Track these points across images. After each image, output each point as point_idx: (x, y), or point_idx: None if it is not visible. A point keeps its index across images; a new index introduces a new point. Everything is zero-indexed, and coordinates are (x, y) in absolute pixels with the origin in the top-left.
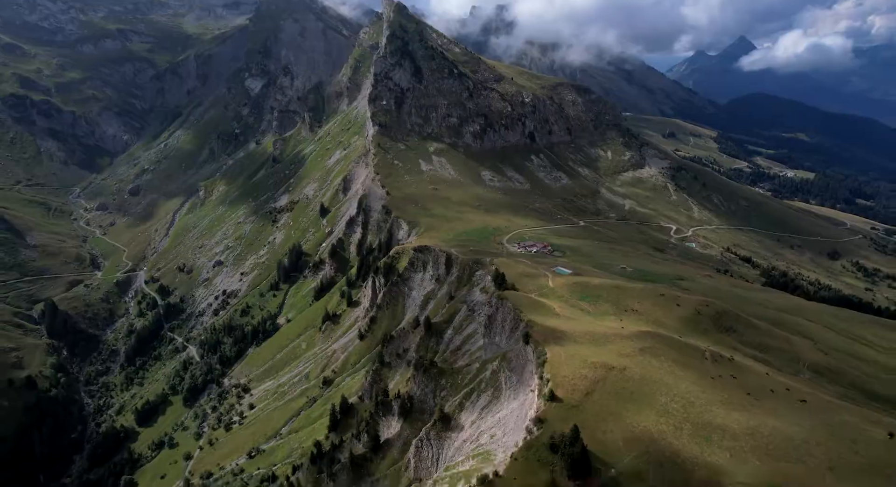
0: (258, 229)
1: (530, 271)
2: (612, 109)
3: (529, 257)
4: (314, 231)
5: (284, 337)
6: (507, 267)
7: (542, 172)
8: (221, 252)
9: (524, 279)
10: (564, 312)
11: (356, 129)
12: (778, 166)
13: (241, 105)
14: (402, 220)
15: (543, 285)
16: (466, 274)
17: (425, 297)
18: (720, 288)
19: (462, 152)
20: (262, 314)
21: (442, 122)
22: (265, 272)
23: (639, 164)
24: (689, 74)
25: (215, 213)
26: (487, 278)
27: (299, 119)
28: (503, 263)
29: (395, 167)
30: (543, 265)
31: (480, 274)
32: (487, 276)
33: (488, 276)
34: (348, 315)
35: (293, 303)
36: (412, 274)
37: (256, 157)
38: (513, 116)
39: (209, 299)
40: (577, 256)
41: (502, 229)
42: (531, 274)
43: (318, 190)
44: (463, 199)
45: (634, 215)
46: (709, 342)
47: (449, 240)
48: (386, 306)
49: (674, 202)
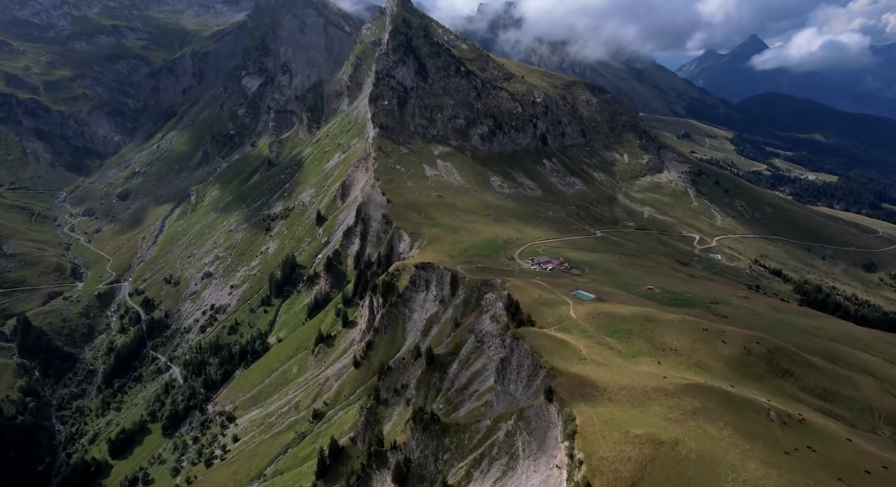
0: (250, 237)
1: (547, 296)
2: (627, 110)
3: (544, 277)
4: (310, 241)
5: (274, 359)
6: (521, 291)
7: (555, 177)
8: (211, 263)
9: (541, 308)
10: (592, 353)
11: (356, 130)
12: (797, 169)
13: (237, 105)
14: (403, 231)
15: (564, 315)
16: (474, 297)
17: (428, 321)
18: (761, 314)
19: (469, 156)
20: (251, 333)
21: (448, 123)
22: (256, 285)
23: (657, 168)
24: (699, 74)
25: (206, 220)
26: (499, 305)
27: (297, 120)
28: (516, 286)
29: (396, 172)
30: (561, 288)
31: (490, 298)
32: (499, 302)
33: (499, 302)
34: (343, 337)
35: (285, 320)
36: (413, 294)
37: (251, 160)
38: (524, 117)
39: (196, 315)
40: (598, 273)
41: (513, 241)
42: (549, 301)
43: (315, 196)
44: (470, 207)
45: (654, 224)
46: (767, 393)
47: (454, 255)
48: (384, 329)
49: (695, 209)
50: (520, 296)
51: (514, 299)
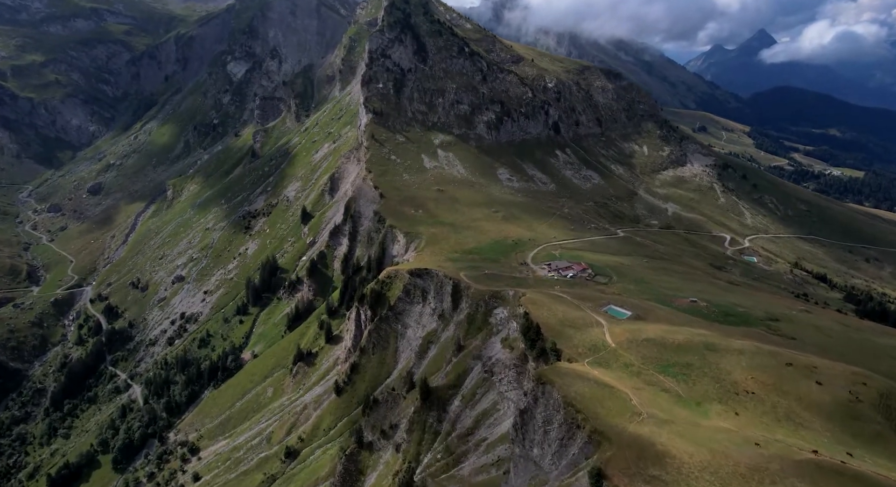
0: (228, 237)
1: (574, 314)
2: (646, 98)
3: (565, 286)
4: (294, 241)
5: (248, 379)
6: (541, 308)
7: (570, 169)
8: (184, 265)
9: (568, 331)
10: (646, 402)
11: (349, 118)
12: (819, 164)
13: (221, 92)
14: (397, 230)
15: (598, 341)
16: (481, 313)
17: (424, 339)
18: (831, 333)
19: (474, 146)
20: (224, 346)
21: (450, 109)
22: (233, 291)
23: (679, 161)
24: (706, 69)
25: (182, 217)
26: (512, 326)
27: (284, 107)
28: (534, 301)
29: (391, 164)
30: (589, 302)
31: (501, 316)
32: (512, 322)
33: (513, 322)
34: (326, 355)
35: (262, 333)
36: (407, 307)
37: (234, 151)
38: (534, 103)
39: (164, 324)
40: (627, 282)
41: (524, 241)
42: (576, 321)
43: (301, 191)
44: (475, 203)
45: (680, 222)
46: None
47: (457, 258)
48: (372, 348)
49: (722, 206)
50: (539, 314)
51: (534, 320)
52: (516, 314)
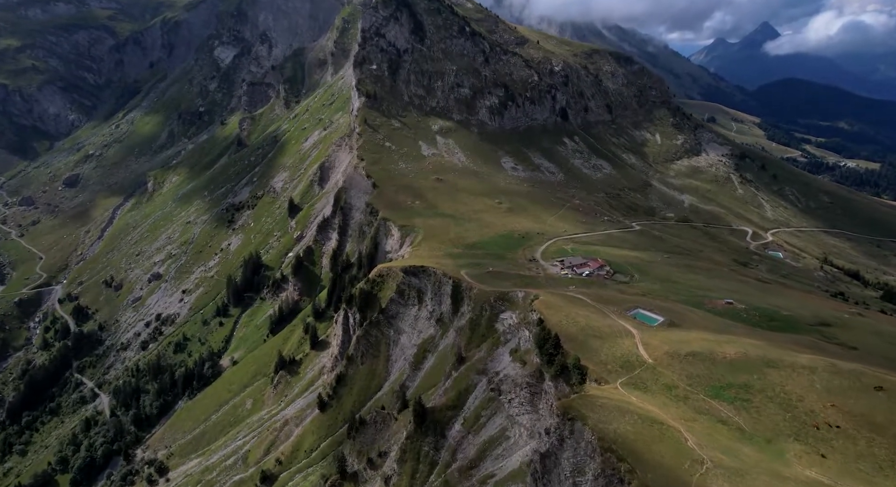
0: (210, 231)
1: (597, 320)
2: (659, 84)
3: (582, 286)
4: (280, 236)
5: (226, 388)
6: (557, 312)
7: (579, 158)
8: (162, 262)
9: (592, 341)
10: (704, 440)
11: (341, 103)
12: (832, 156)
13: (208, 79)
14: (391, 223)
15: (630, 354)
16: (485, 317)
17: (420, 348)
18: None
19: (475, 132)
20: (201, 352)
21: (450, 93)
22: (213, 291)
23: (694, 150)
24: (709, 62)
25: (163, 210)
26: (523, 334)
27: (273, 93)
28: (549, 305)
29: (386, 151)
30: (612, 305)
31: (510, 322)
32: (523, 330)
33: (524, 330)
34: (311, 363)
35: (244, 336)
36: (401, 310)
37: (219, 140)
38: (540, 87)
39: (138, 327)
40: (650, 280)
41: (532, 235)
42: (601, 329)
43: (289, 181)
44: (477, 193)
45: (697, 215)
46: None
47: (457, 254)
48: (361, 357)
49: (740, 198)
50: (557, 321)
51: (551, 328)
52: (528, 321)
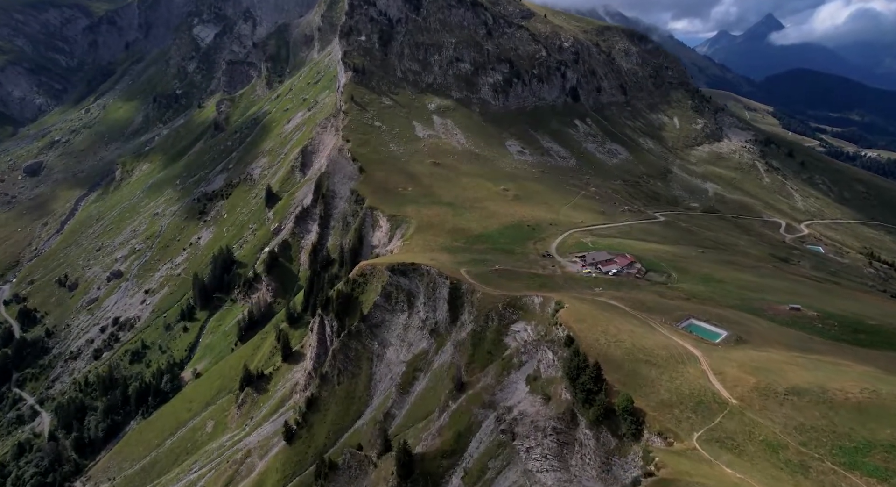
0: (179, 224)
1: (643, 337)
2: (675, 64)
3: (609, 286)
4: (255, 228)
5: (184, 407)
6: (591, 326)
7: (592, 142)
8: (124, 258)
9: (643, 369)
10: None
11: (327, 81)
12: (850, 146)
13: (186, 59)
14: (379, 213)
15: (702, 390)
16: (492, 329)
17: (410, 365)
18: None
19: (477, 112)
20: (161, 362)
21: (448, 68)
22: (179, 291)
23: (715, 135)
24: (713, 54)
25: (130, 201)
26: (546, 357)
27: (255, 73)
28: (578, 314)
29: (375, 131)
30: (657, 314)
31: (525, 338)
32: (545, 351)
33: (547, 351)
34: (283, 378)
35: (210, 344)
36: (387, 317)
37: (196, 124)
38: (549, 64)
39: (91, 332)
40: (692, 280)
41: (544, 226)
42: (653, 352)
43: (268, 168)
44: (479, 179)
45: (724, 205)
46: None
47: (456, 249)
48: (337, 376)
49: (767, 187)
50: (591, 337)
51: (585, 351)
52: (552, 338)
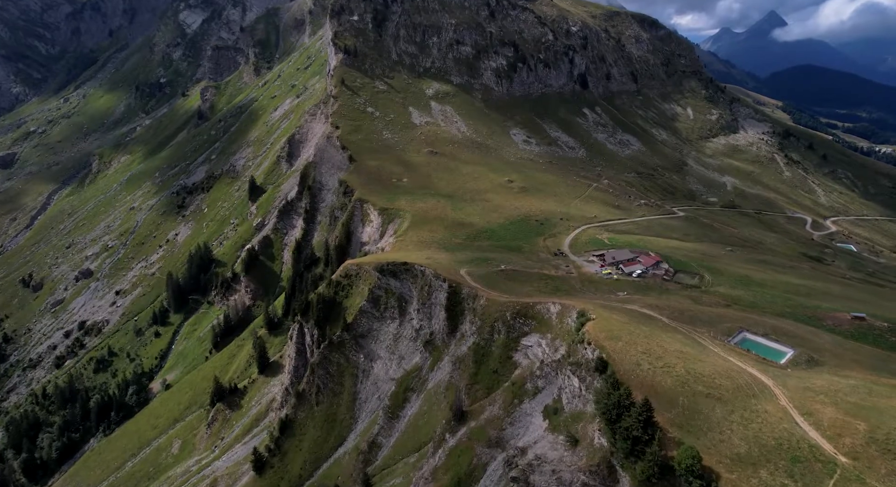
0: (156, 219)
1: (695, 358)
2: (688, 51)
3: (636, 291)
4: (237, 223)
5: (150, 424)
6: (626, 344)
7: (602, 132)
8: (95, 256)
9: (705, 405)
10: None
11: (318, 66)
12: (862, 141)
13: (171, 46)
14: (370, 205)
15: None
16: (499, 343)
17: (401, 383)
18: None
19: (479, 99)
20: (129, 371)
21: (447, 51)
22: (153, 292)
23: (730, 126)
24: (715, 51)
25: (106, 194)
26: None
27: (242, 59)
28: (608, 329)
29: (367, 118)
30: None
31: (541, 355)
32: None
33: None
34: (259, 392)
35: (183, 351)
36: (375, 325)
37: (180, 114)
38: (556, 48)
39: (55, 337)
40: (728, 282)
41: (554, 221)
42: (714, 381)
43: (252, 158)
44: (482, 169)
45: (744, 200)
46: None
47: (456, 246)
48: (316, 394)
49: (788, 181)
50: (630, 360)
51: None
52: (578, 361)
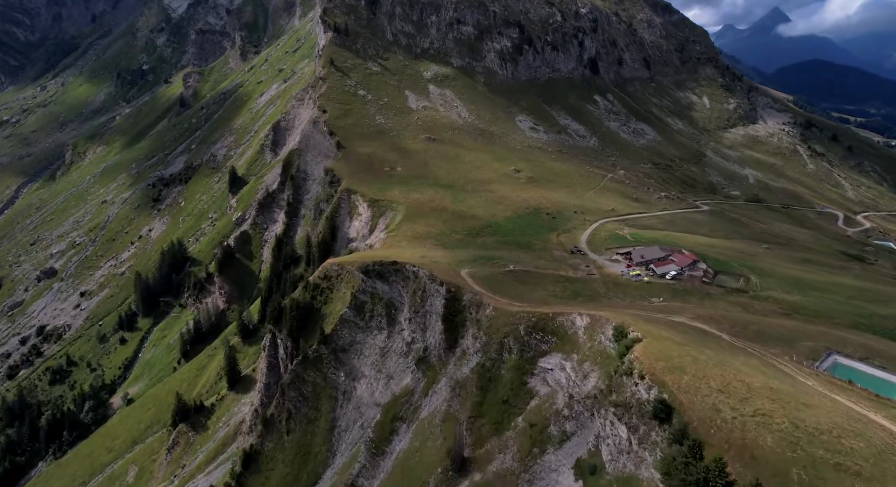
0: (129, 213)
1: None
2: (703, 37)
3: (674, 296)
4: (216, 218)
5: (105, 446)
6: (690, 373)
7: (614, 120)
8: (61, 253)
9: (831, 480)
10: None
11: (308, 49)
12: (876, 136)
13: (155, 32)
14: (359, 197)
15: None
16: (510, 361)
17: (387, 411)
18: None
19: (482, 83)
20: (88, 382)
21: (447, 31)
22: (122, 293)
23: (749, 116)
24: (719, 47)
25: (78, 187)
26: (616, 433)
27: (228, 43)
28: (665, 358)
29: (359, 101)
30: (774, 346)
31: (565, 383)
32: (614, 423)
33: (618, 425)
34: (228, 411)
35: (150, 360)
36: (359, 337)
37: (161, 102)
38: (564, 30)
39: (10, 344)
40: (781, 285)
41: (567, 214)
42: (836, 443)
43: (234, 147)
44: (485, 158)
45: (769, 194)
46: None
47: (456, 243)
48: (286, 421)
49: (813, 174)
50: (701, 403)
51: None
52: (626, 401)
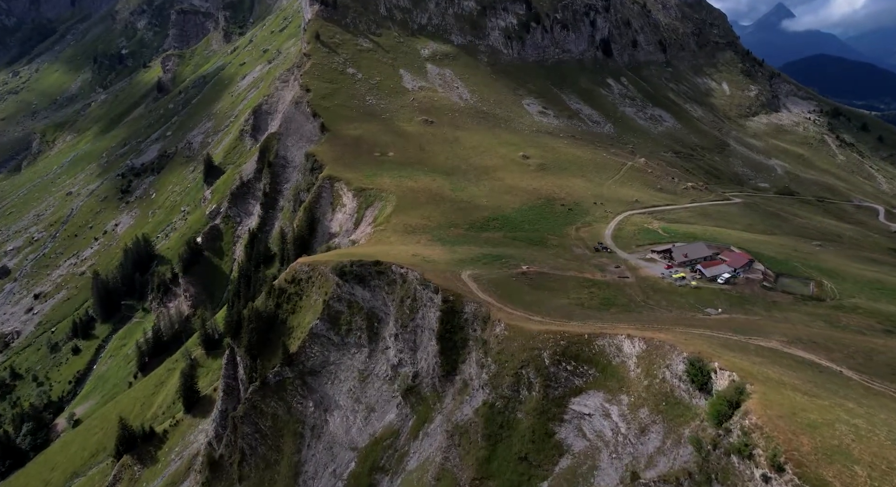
0: (95, 206)
1: None
2: (721, 21)
3: (733, 306)
4: (189, 211)
5: (40, 479)
6: (837, 464)
7: (630, 106)
8: (16, 251)
9: None
10: None
11: (295, 27)
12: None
13: (136, 14)
14: (343, 185)
15: None
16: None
17: (365, 457)
18: None
19: (485, 62)
20: (32, 400)
21: (447, 6)
22: (80, 296)
23: (771, 104)
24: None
25: (43, 178)
26: None
27: (211, 24)
28: (785, 405)
29: (347, 80)
30: None
31: (615, 433)
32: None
33: None
34: (182, 438)
35: (105, 374)
36: (331, 357)
37: (139, 87)
38: (575, 7)
39: None
40: (856, 290)
41: (585, 206)
42: None
43: (212, 134)
44: (489, 142)
45: (798, 185)
46: None
47: (455, 239)
48: (238, 464)
49: (843, 165)
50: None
51: None
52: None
